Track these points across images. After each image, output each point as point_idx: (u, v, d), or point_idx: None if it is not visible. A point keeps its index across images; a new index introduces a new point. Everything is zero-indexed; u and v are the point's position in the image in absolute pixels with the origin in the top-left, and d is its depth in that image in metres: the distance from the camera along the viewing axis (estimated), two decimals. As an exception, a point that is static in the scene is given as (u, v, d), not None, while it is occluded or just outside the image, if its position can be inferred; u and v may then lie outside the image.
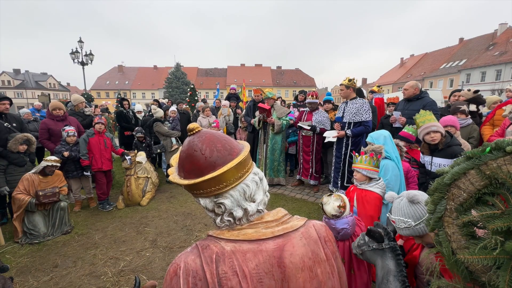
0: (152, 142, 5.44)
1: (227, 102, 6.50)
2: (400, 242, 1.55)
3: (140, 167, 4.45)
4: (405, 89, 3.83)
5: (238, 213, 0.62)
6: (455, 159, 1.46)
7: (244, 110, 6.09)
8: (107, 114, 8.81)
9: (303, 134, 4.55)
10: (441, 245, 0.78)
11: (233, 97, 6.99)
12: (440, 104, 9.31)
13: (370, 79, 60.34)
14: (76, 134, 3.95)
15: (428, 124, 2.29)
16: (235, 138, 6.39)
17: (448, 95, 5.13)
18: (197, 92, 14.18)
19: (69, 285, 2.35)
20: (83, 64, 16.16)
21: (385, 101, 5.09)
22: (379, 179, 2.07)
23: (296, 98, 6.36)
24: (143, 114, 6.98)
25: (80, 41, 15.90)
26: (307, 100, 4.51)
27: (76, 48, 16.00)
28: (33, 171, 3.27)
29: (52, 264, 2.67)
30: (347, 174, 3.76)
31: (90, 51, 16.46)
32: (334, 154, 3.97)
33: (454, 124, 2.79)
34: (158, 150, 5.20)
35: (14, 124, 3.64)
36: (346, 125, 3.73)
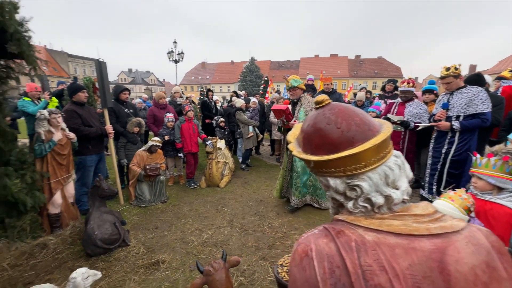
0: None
1: (302, 93, 6.34)
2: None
3: (220, 152, 4.87)
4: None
5: (378, 199, 0.53)
6: None
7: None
8: (193, 104, 10.04)
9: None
10: None
11: (310, 88, 6.74)
12: None
13: (481, 66, 47.80)
14: (174, 120, 4.63)
15: None
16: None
17: None
18: (270, 85, 14.43)
19: (166, 245, 2.80)
20: (176, 62, 18.78)
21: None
22: (514, 190, 1.58)
23: (383, 88, 5.61)
24: (220, 104, 7.59)
25: (175, 42, 18.47)
26: (400, 88, 3.76)
27: (171, 48, 18.63)
28: (143, 148, 4.02)
29: (154, 226, 3.24)
30: (447, 178, 3.09)
31: (182, 50, 18.92)
32: (430, 154, 3.30)
33: None
34: (237, 136, 5.58)
35: (131, 110, 4.54)
36: (453, 119, 3.03)
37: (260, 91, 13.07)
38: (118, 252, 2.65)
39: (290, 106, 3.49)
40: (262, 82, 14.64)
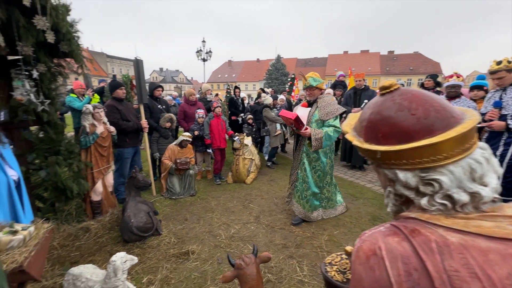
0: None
1: (331, 90, 6.12)
2: None
3: (246, 149, 4.90)
4: None
5: (462, 197, 0.47)
6: None
7: (343, 99, 5.57)
8: (220, 101, 10.24)
9: None
10: None
11: (340, 85, 6.51)
12: None
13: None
14: (204, 116, 4.75)
15: None
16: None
17: None
18: (294, 83, 14.20)
19: (195, 237, 2.89)
20: (204, 60, 19.28)
21: None
22: None
23: (422, 85, 5.21)
24: (247, 101, 7.62)
25: (203, 41, 18.96)
26: (447, 83, 3.36)
27: (200, 47, 19.16)
28: (174, 143, 4.19)
29: (183, 217, 3.36)
30: (503, 184, 2.76)
31: (210, 49, 19.36)
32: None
33: None
34: (264, 134, 5.57)
35: (164, 106, 4.75)
36: (510, 117, 2.70)
37: (287, 88, 12.92)
38: (151, 240, 2.79)
39: (303, 110, 3.14)
40: (289, 79, 14.46)
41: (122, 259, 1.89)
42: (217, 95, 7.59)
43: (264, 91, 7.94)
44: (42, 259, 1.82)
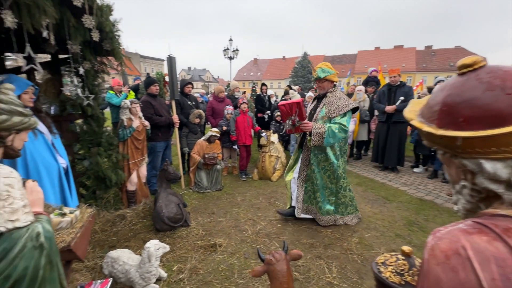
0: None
1: (362, 87, 5.83)
2: None
3: (273, 146, 4.87)
4: None
5: None
6: None
7: (376, 97, 5.26)
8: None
9: None
10: None
11: (372, 82, 6.17)
12: None
13: None
14: (232, 113, 4.81)
15: None
16: (369, 127, 5.68)
17: None
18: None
19: (222, 230, 2.93)
20: (230, 58, 19.55)
21: None
22: None
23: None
24: (274, 98, 7.53)
25: (230, 39, 19.20)
26: None
27: (227, 46, 19.43)
28: (202, 138, 4.29)
29: (210, 211, 3.43)
30: None
31: (236, 47, 19.56)
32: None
33: None
34: (290, 132, 5.48)
35: (193, 103, 4.89)
36: None
37: (314, 85, 12.62)
38: (181, 231, 2.89)
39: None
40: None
41: (155, 246, 1.98)
42: (244, 93, 7.64)
43: (291, 88, 7.82)
44: (85, 241, 1.97)
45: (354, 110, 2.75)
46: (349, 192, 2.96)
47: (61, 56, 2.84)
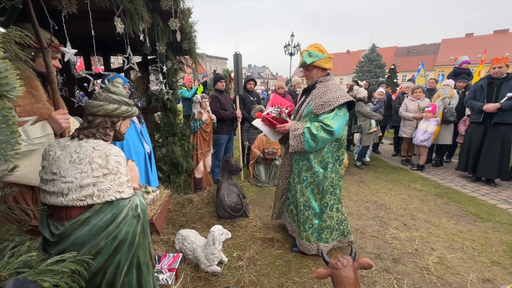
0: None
1: (451, 81, 4.92)
2: None
3: (334, 145, 4.60)
4: None
5: None
6: None
7: (469, 92, 4.33)
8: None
9: None
10: None
11: (463, 74, 5.15)
12: None
13: None
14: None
15: None
16: (456, 129, 4.78)
17: None
18: (397, 74, 12.23)
19: (279, 225, 2.93)
20: (291, 54, 19.33)
21: None
22: None
23: None
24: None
25: (292, 35, 18.95)
26: None
27: (288, 42, 19.26)
28: (263, 133, 4.37)
29: (268, 205, 3.48)
30: None
31: (298, 42, 19.19)
32: None
33: None
34: (355, 130, 5.08)
35: (255, 98, 5.02)
36: None
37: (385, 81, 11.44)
38: (240, 220, 3.02)
39: (259, 124, 2.43)
40: (387, 71, 12.65)
41: (219, 231, 2.11)
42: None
43: (357, 84, 7.24)
44: (163, 217, 2.25)
45: (350, 106, 2.18)
46: (337, 213, 2.33)
47: (149, 57, 3.29)
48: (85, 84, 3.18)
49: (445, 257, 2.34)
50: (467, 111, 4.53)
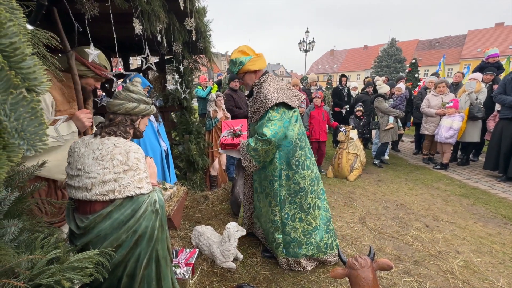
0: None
1: (478, 75, 4.62)
2: None
3: (351, 143, 4.48)
4: None
5: None
6: None
7: (498, 86, 4.04)
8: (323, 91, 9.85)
9: None
10: None
11: (491, 68, 4.81)
12: None
13: None
14: (305, 106, 4.68)
15: None
16: (485, 126, 4.49)
17: None
18: (418, 68, 11.67)
19: (294, 224, 2.91)
20: (306, 51, 19.01)
21: None
22: None
23: None
24: (357, 91, 6.87)
25: (307, 31, 18.62)
26: None
27: (303, 38, 18.95)
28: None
29: (282, 203, 3.46)
30: None
31: (313, 39, 18.84)
32: None
33: None
34: (373, 127, 4.93)
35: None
36: None
37: (405, 76, 11.02)
38: (255, 218, 3.02)
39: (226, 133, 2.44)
40: (408, 66, 12.12)
41: (234, 228, 2.13)
42: (320, 88, 7.34)
43: (373, 82, 6.99)
44: (180, 213, 2.31)
45: (289, 107, 1.93)
46: (301, 223, 2.06)
47: (166, 57, 3.36)
48: (106, 85, 3.32)
49: (472, 261, 2.21)
50: (497, 107, 4.24)
